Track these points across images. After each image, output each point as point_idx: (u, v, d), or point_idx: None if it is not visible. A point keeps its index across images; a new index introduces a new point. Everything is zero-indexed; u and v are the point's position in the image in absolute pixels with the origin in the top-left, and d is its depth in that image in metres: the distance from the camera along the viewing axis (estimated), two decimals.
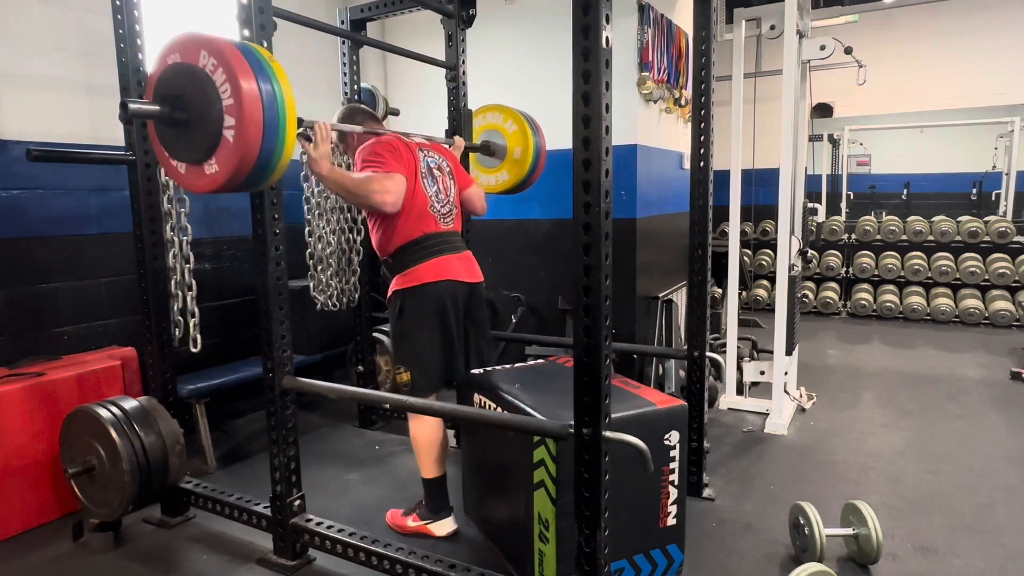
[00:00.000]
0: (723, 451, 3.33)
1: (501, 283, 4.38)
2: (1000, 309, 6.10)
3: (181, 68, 1.72)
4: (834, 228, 7.11)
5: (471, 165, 3.20)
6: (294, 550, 2.34)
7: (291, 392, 2.29)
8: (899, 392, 4.30)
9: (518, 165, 3.07)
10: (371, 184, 2.24)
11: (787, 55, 3.47)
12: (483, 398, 2.42)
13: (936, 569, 2.27)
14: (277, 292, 2.23)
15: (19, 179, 2.91)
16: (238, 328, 3.85)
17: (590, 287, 1.56)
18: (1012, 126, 7.26)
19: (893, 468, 3.10)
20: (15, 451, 2.56)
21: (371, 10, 3.31)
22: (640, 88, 3.87)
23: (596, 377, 1.58)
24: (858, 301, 6.73)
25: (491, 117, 3.14)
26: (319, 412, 4.05)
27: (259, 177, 1.76)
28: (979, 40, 7.47)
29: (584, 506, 1.66)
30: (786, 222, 3.55)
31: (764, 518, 2.64)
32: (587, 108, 1.51)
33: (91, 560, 2.43)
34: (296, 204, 3.19)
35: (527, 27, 4.14)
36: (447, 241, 2.48)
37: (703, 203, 2.70)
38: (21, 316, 2.94)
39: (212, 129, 1.68)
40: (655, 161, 4.14)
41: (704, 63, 2.66)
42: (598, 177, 1.51)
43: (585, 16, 1.48)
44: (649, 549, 2.16)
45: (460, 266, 2.48)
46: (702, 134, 2.67)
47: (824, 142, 8.32)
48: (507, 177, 3.12)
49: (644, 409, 2.11)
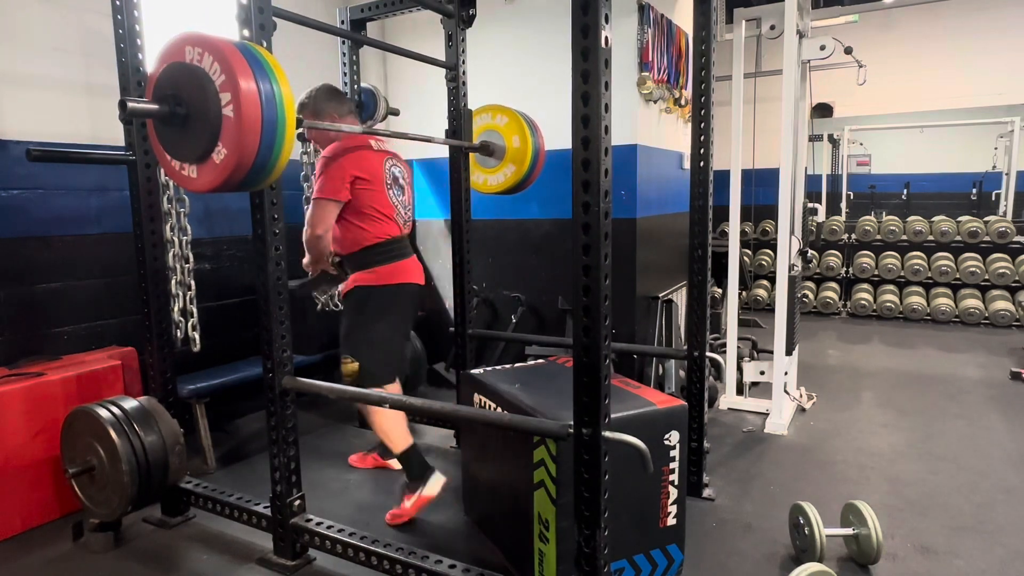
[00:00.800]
0: (723, 451, 3.33)
1: (501, 283, 4.38)
2: (1000, 309, 6.10)
3: (180, 68, 1.72)
4: (834, 228, 7.11)
5: (471, 165, 3.21)
6: (294, 550, 2.34)
7: (291, 392, 2.29)
8: (899, 392, 4.30)
9: (517, 165, 3.07)
10: (314, 227, 2.55)
11: (787, 55, 3.47)
12: (483, 398, 2.42)
13: (936, 569, 2.27)
14: (277, 292, 2.23)
15: (19, 179, 2.91)
16: (238, 328, 3.84)
17: (590, 287, 1.56)
18: (1012, 126, 7.26)
19: (893, 468, 3.10)
20: (15, 451, 2.56)
21: (371, 10, 3.31)
22: (640, 88, 3.87)
23: (596, 377, 1.58)
24: (858, 301, 6.73)
25: (490, 118, 3.14)
26: (319, 412, 4.05)
27: (258, 177, 1.76)
28: (979, 40, 7.47)
29: (584, 506, 1.66)
30: (786, 222, 3.55)
31: (764, 518, 2.64)
32: (586, 108, 1.50)
33: (91, 560, 2.43)
34: (296, 204, 3.20)
35: (527, 27, 4.14)
36: (406, 246, 2.78)
37: (703, 203, 2.70)
38: (21, 316, 2.94)
39: (211, 128, 1.68)
40: (655, 161, 4.14)
41: (704, 63, 2.66)
42: (597, 177, 1.51)
43: (584, 16, 1.48)
44: (649, 549, 2.15)
45: (415, 270, 2.79)
46: (702, 134, 2.67)
47: (824, 142, 8.33)
48: (506, 177, 3.12)
49: (644, 409, 2.11)
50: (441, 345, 4.56)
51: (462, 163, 3.17)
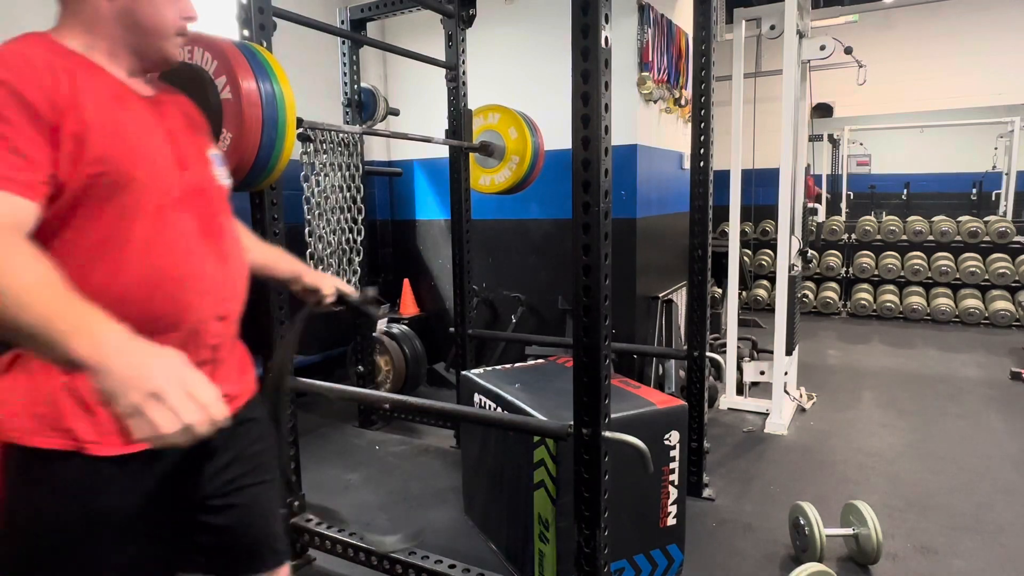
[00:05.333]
0: (723, 451, 3.33)
1: (501, 283, 4.38)
2: (1000, 309, 6.10)
3: (181, 67, 1.72)
4: (834, 228, 7.11)
5: (471, 165, 3.21)
6: (294, 550, 2.34)
7: (291, 392, 2.29)
8: (899, 392, 4.30)
9: (516, 165, 3.07)
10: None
11: (787, 55, 3.47)
12: (483, 398, 2.42)
13: (936, 569, 2.27)
14: (277, 292, 2.23)
15: None
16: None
17: (590, 287, 1.56)
18: (1012, 126, 7.26)
19: (893, 468, 3.10)
20: None
21: (371, 10, 3.31)
22: (640, 88, 3.87)
23: (596, 377, 1.58)
24: (858, 301, 6.73)
25: (489, 117, 3.14)
26: (319, 412, 4.05)
27: (258, 176, 1.76)
28: (979, 40, 7.47)
29: (584, 506, 1.66)
30: (786, 222, 3.55)
31: (764, 518, 2.63)
32: (586, 108, 1.50)
33: None
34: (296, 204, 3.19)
35: (527, 27, 4.14)
36: None
37: (703, 203, 2.70)
38: None
39: (211, 128, 1.68)
40: (655, 161, 4.14)
41: (704, 63, 2.66)
42: (597, 177, 1.51)
43: (584, 16, 1.48)
44: (649, 549, 2.16)
45: None
46: (702, 134, 2.67)
47: (824, 142, 8.33)
48: (506, 177, 3.12)
49: (644, 409, 2.11)
50: (441, 345, 4.56)
51: (462, 163, 3.17)
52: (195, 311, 1.07)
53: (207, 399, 0.80)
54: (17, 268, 0.80)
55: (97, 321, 0.80)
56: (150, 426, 0.76)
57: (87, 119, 0.94)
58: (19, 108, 0.89)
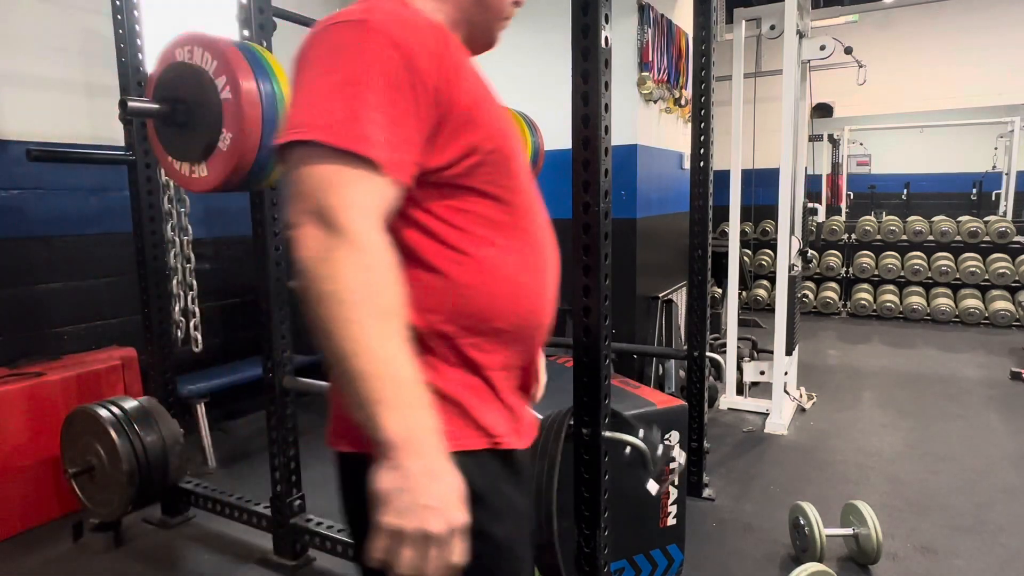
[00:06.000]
0: (723, 451, 3.33)
1: None
2: (1000, 309, 6.10)
3: (181, 68, 1.72)
4: (834, 228, 7.11)
5: None
6: (294, 550, 2.34)
7: (291, 392, 2.29)
8: (899, 392, 4.30)
9: None
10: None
11: (787, 55, 3.47)
12: None
13: (936, 569, 2.27)
14: (277, 292, 2.23)
15: (19, 179, 2.91)
16: (238, 328, 3.84)
17: (590, 287, 1.56)
18: (1012, 126, 7.25)
19: (893, 468, 3.10)
20: (15, 451, 2.56)
21: None
22: (640, 88, 3.87)
23: (596, 377, 1.58)
24: (858, 301, 6.73)
25: None
26: (319, 412, 4.04)
27: (258, 176, 1.76)
28: (979, 40, 7.47)
29: (584, 506, 1.66)
30: (786, 222, 3.55)
31: (764, 518, 2.63)
32: (586, 108, 1.51)
33: (91, 560, 2.43)
34: None
35: (527, 27, 4.13)
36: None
37: (703, 203, 2.70)
38: (21, 316, 2.94)
39: (211, 128, 1.68)
40: (655, 161, 4.14)
41: (704, 63, 2.66)
42: (597, 177, 1.51)
43: (584, 16, 1.48)
44: (649, 549, 2.15)
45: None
46: (702, 134, 2.67)
47: (824, 142, 8.32)
48: None
49: (644, 409, 2.11)
50: None
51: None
52: (551, 310, 1.00)
53: (456, 556, 0.74)
54: (376, 331, 0.72)
55: (423, 410, 0.74)
56: (392, 555, 0.71)
57: (475, 93, 0.89)
58: (412, 79, 0.80)
